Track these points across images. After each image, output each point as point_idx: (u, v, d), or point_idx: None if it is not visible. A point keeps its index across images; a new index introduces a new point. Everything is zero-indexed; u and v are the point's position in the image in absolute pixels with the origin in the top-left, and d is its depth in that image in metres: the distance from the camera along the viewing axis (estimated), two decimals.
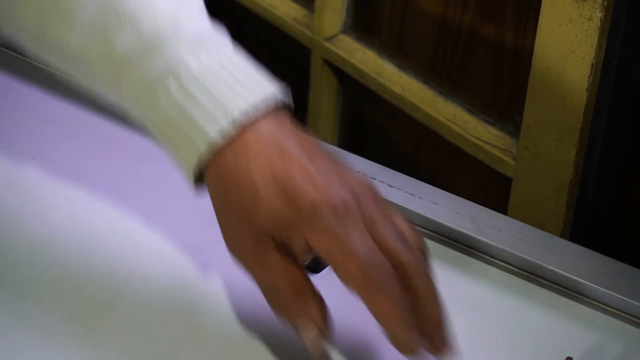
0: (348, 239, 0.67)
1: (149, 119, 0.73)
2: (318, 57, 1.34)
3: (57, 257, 0.82)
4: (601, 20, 0.97)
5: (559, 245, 0.86)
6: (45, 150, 0.92)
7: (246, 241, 0.70)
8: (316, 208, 0.67)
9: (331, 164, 0.71)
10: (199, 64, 0.71)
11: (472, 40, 1.17)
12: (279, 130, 0.70)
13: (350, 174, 0.71)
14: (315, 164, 0.69)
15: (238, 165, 0.69)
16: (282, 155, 0.69)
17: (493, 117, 1.16)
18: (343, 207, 0.68)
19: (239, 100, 0.70)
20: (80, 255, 0.82)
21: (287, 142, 0.70)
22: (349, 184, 0.69)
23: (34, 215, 0.85)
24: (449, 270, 0.84)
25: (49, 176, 0.89)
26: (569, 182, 1.05)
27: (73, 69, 0.76)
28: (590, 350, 0.78)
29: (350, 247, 0.67)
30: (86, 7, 0.72)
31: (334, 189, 0.68)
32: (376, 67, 1.27)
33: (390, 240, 0.68)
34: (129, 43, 0.72)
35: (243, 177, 0.69)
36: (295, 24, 1.37)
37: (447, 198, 0.89)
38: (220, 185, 0.70)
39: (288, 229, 0.68)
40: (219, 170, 0.70)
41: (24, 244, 0.83)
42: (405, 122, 1.26)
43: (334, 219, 0.67)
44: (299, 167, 0.69)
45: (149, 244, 0.83)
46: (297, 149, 0.70)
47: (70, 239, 0.83)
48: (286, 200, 0.68)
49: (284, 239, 0.69)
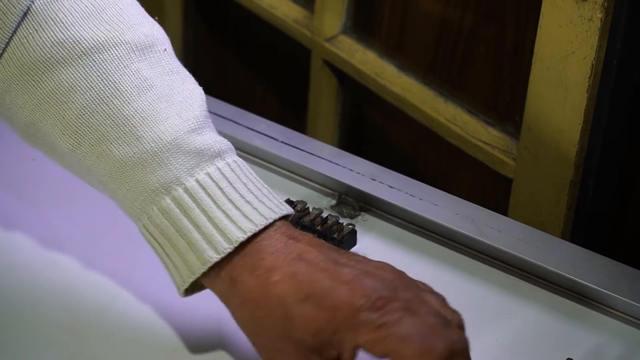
0: (399, 330, 0.65)
1: (140, 225, 0.72)
2: (318, 58, 1.34)
3: (56, 257, 0.82)
4: (601, 20, 0.97)
5: (560, 246, 0.86)
6: None
7: (283, 354, 0.68)
8: (355, 309, 0.66)
9: (351, 259, 0.69)
10: (197, 183, 0.70)
11: (472, 41, 1.17)
12: (291, 240, 0.69)
13: (372, 263, 0.69)
14: (336, 263, 0.68)
15: (256, 282, 0.68)
16: (302, 263, 0.68)
17: (493, 118, 1.16)
18: (381, 300, 0.66)
19: (242, 221, 0.69)
20: (80, 255, 0.82)
21: (303, 249, 0.68)
22: (376, 273, 0.68)
23: (33, 215, 0.85)
24: (449, 271, 0.84)
25: (48, 177, 0.89)
26: (569, 183, 1.05)
27: (64, 162, 0.74)
28: (590, 351, 0.78)
29: (405, 334, 0.65)
30: (83, 108, 0.71)
31: (365, 284, 0.67)
32: (376, 67, 1.27)
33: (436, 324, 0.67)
34: (127, 151, 0.71)
35: (266, 293, 0.67)
36: (296, 25, 1.36)
37: (448, 199, 0.89)
38: (237, 303, 0.69)
39: (331, 337, 0.66)
40: (232, 289, 0.69)
41: (24, 244, 0.83)
42: (405, 123, 1.26)
43: (377, 315, 0.66)
44: (323, 270, 0.67)
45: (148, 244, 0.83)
46: (315, 253, 0.68)
47: (70, 239, 0.83)
48: (319, 308, 0.66)
49: (329, 349, 0.67)
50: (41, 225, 0.84)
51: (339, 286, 0.66)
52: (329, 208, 0.90)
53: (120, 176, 0.71)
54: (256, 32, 1.49)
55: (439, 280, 0.83)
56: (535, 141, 1.06)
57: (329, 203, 0.91)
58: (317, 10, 1.32)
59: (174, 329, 0.77)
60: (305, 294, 0.67)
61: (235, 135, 0.95)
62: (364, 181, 0.90)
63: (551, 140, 1.05)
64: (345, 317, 0.66)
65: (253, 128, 0.96)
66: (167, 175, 0.70)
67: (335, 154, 0.94)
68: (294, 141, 0.95)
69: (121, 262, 0.82)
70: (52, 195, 0.87)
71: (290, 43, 1.39)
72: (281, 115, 1.47)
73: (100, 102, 0.71)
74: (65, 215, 0.85)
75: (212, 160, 0.71)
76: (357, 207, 0.90)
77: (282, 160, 0.94)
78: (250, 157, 0.95)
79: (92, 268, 0.81)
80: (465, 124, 1.17)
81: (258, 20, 1.42)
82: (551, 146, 1.05)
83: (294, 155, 0.93)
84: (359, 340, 0.65)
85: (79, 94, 0.71)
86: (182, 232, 0.70)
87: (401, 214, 0.88)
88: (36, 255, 0.82)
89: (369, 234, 0.87)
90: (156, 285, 0.80)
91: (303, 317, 0.66)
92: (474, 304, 0.81)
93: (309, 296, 0.67)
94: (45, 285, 0.79)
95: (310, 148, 0.94)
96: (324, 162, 0.93)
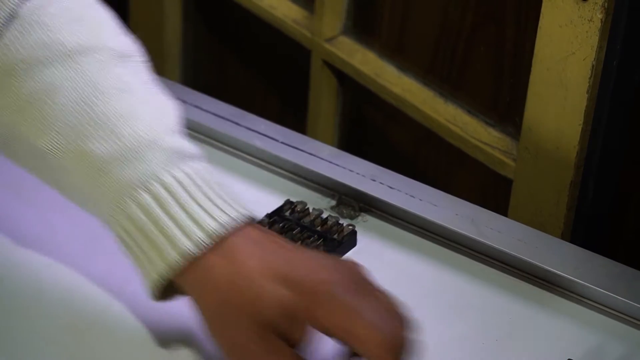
0: (366, 313, 0.69)
1: (115, 224, 0.73)
2: (318, 59, 1.34)
3: (56, 257, 0.82)
4: (602, 21, 0.97)
5: (560, 247, 0.86)
6: None
7: (248, 336, 0.70)
8: (328, 287, 0.69)
9: (319, 253, 0.74)
10: (174, 179, 0.72)
11: (472, 41, 1.17)
12: (263, 233, 0.73)
13: (337, 259, 0.74)
14: (307, 253, 0.72)
15: (231, 267, 0.70)
16: (277, 251, 0.71)
17: (493, 119, 1.16)
18: (353, 283, 0.70)
19: (218, 213, 0.72)
20: (80, 255, 0.82)
21: (277, 241, 0.72)
22: (342, 267, 0.72)
23: (33, 215, 0.85)
24: (449, 271, 0.84)
25: None
26: (570, 184, 1.05)
27: (39, 165, 0.75)
28: (590, 352, 0.78)
29: (370, 318, 0.69)
30: (64, 108, 0.72)
31: (337, 269, 0.71)
32: (376, 68, 1.27)
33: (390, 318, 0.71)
34: (107, 148, 0.72)
35: (240, 277, 0.70)
36: (295, 25, 1.36)
37: (448, 200, 0.89)
38: (210, 289, 0.71)
39: (297, 315, 0.69)
40: (206, 276, 0.71)
41: (24, 244, 0.83)
42: (405, 123, 1.26)
43: (348, 295, 0.69)
44: (297, 257, 0.71)
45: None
46: (287, 244, 0.73)
47: (70, 239, 0.83)
48: (292, 289, 0.69)
49: (288, 328, 0.70)
50: (41, 225, 0.84)
51: (314, 271, 0.71)
52: (329, 209, 0.90)
53: (98, 174, 0.72)
54: (256, 33, 1.49)
55: (439, 280, 0.83)
56: (535, 142, 1.06)
57: (329, 204, 0.91)
58: (317, 10, 1.32)
59: (174, 329, 0.77)
60: (280, 280, 0.70)
61: (235, 135, 0.95)
62: (364, 182, 0.90)
63: (551, 140, 1.05)
64: (318, 295, 0.69)
65: (253, 128, 0.96)
66: (146, 170, 0.72)
67: (335, 154, 0.94)
68: (293, 142, 0.95)
69: (121, 262, 0.81)
70: (52, 195, 0.87)
71: (290, 43, 1.39)
72: (281, 116, 1.47)
73: (82, 101, 0.73)
74: (65, 215, 0.85)
75: (189, 160, 0.73)
76: (357, 207, 0.90)
77: (282, 160, 0.94)
78: (250, 157, 0.95)
79: (92, 268, 0.81)
80: (465, 125, 1.17)
81: (258, 21, 1.42)
82: (551, 147, 1.05)
83: (293, 155, 0.93)
84: (327, 318, 0.69)
85: (61, 93, 0.72)
86: (159, 226, 0.71)
87: (401, 214, 0.88)
88: (36, 255, 0.82)
89: (369, 234, 0.87)
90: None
91: (275, 297, 0.69)
92: (474, 304, 0.81)
93: (283, 282, 0.70)
94: (45, 285, 0.79)
95: (310, 149, 0.94)
96: (324, 162, 0.93)
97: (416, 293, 0.81)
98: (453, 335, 0.78)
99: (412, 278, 0.83)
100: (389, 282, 0.82)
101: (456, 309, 0.80)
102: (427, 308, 0.80)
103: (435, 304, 0.81)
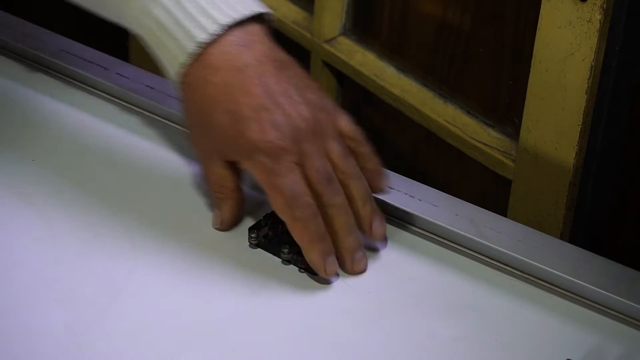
0: (278, 179, 0.79)
1: (141, 24, 0.81)
2: (318, 59, 1.34)
3: (56, 257, 0.82)
4: (600, 22, 0.97)
5: (559, 247, 0.86)
6: (45, 152, 0.92)
7: (204, 144, 0.82)
8: (255, 148, 0.79)
9: (289, 87, 0.81)
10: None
11: (471, 42, 1.17)
12: (245, 43, 0.80)
13: (310, 99, 0.81)
14: (268, 91, 0.79)
15: (201, 77, 0.79)
16: (238, 72, 0.79)
17: (492, 120, 1.16)
18: (280, 151, 0.79)
19: (218, 14, 0.80)
20: (80, 255, 0.82)
21: (247, 57, 0.80)
22: (296, 116, 0.80)
23: (33, 215, 0.85)
24: (448, 272, 0.84)
25: (48, 177, 0.89)
26: (569, 184, 1.05)
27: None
28: (590, 353, 0.78)
29: (279, 184, 0.79)
30: None
31: (275, 129, 0.79)
32: (376, 69, 1.27)
33: (318, 182, 0.80)
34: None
35: (203, 90, 0.79)
36: (295, 26, 1.37)
37: (447, 200, 0.89)
38: (188, 93, 0.81)
39: (228, 147, 0.80)
40: (189, 79, 0.80)
41: (24, 244, 0.83)
42: (404, 124, 1.26)
43: (269, 161, 0.79)
44: (252, 94, 0.79)
45: (148, 245, 0.83)
46: (255, 65, 0.80)
47: (70, 239, 0.83)
48: (232, 128, 0.78)
49: (233, 158, 0.81)
50: (41, 225, 0.84)
51: (254, 120, 0.78)
52: None
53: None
54: None
55: (439, 280, 0.83)
56: (535, 142, 1.06)
57: None
58: (316, 11, 1.32)
59: (174, 329, 0.77)
60: (227, 109, 0.79)
61: None
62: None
63: (550, 141, 1.05)
64: (245, 148, 0.79)
65: None
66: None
67: None
68: None
69: (121, 262, 0.82)
70: (52, 195, 0.87)
71: (289, 44, 1.39)
72: None
73: None
74: (65, 215, 0.85)
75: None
76: None
77: None
78: None
79: (92, 268, 0.81)
80: (464, 125, 1.17)
81: None
82: (550, 147, 1.05)
83: None
84: (248, 166, 0.80)
85: None
86: (178, 23, 0.80)
87: (401, 214, 0.88)
88: (36, 255, 0.82)
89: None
90: (156, 286, 0.80)
91: (219, 125, 0.80)
92: (474, 305, 0.81)
93: (229, 112, 0.79)
94: (45, 285, 0.79)
95: None
96: None
97: (416, 293, 0.82)
98: (453, 335, 0.78)
99: (412, 278, 0.83)
100: (389, 282, 0.83)
101: (456, 309, 0.80)
102: (427, 308, 0.80)
103: (435, 304, 0.81)
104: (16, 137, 0.93)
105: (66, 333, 0.76)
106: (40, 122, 0.95)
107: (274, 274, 0.82)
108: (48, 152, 0.92)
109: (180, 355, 0.75)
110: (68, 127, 0.95)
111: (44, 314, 0.77)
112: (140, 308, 0.78)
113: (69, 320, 0.77)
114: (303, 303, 0.80)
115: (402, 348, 0.77)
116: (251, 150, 0.79)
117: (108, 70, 0.99)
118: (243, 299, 0.80)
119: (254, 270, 0.82)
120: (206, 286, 0.80)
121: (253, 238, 0.83)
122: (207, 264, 0.82)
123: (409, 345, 0.77)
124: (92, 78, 0.99)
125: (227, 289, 0.80)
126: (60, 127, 0.94)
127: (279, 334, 0.77)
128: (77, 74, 1.00)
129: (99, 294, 0.79)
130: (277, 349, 0.76)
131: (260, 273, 0.82)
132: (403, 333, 0.78)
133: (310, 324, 0.78)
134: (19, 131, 0.94)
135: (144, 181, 0.89)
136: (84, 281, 0.80)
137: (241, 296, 0.80)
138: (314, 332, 0.78)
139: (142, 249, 0.83)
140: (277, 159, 0.79)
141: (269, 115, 0.79)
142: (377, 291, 0.81)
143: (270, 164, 0.79)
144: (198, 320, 0.78)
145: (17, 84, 0.99)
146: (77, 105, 0.97)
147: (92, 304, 0.78)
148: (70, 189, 0.88)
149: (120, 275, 0.80)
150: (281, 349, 0.76)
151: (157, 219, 0.85)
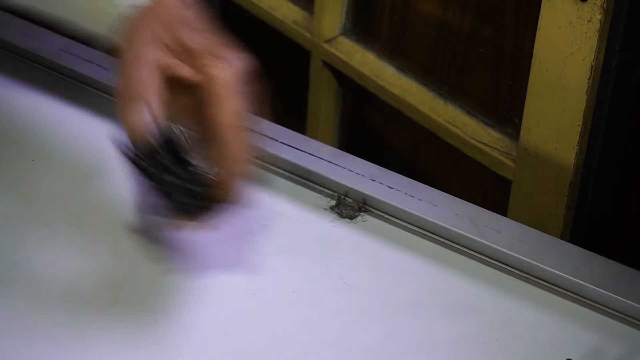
0: (130, 73, 0.76)
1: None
2: (318, 59, 1.35)
3: (56, 257, 0.82)
4: (601, 22, 0.97)
5: (559, 246, 0.86)
6: (45, 152, 0.92)
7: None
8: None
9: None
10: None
11: (471, 42, 1.17)
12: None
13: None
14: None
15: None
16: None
17: (493, 120, 1.16)
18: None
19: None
20: (80, 255, 0.82)
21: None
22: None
23: (33, 215, 0.85)
24: (448, 271, 0.84)
25: (48, 177, 0.89)
26: (569, 184, 1.05)
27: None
28: (589, 352, 0.78)
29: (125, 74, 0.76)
30: None
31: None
32: (376, 69, 1.27)
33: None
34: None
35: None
36: (295, 26, 1.37)
37: (447, 200, 0.89)
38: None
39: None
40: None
41: (24, 244, 0.83)
42: (404, 124, 1.26)
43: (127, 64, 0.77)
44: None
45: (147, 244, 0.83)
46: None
47: (70, 239, 0.83)
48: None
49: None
50: (41, 225, 0.84)
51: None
52: (329, 209, 0.90)
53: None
54: (256, 34, 1.49)
55: (439, 280, 0.83)
56: (535, 142, 1.06)
57: (329, 204, 0.91)
58: (316, 11, 1.32)
59: (174, 329, 0.77)
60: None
61: None
62: (363, 182, 0.91)
63: (550, 141, 1.05)
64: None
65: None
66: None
67: (335, 154, 0.94)
68: (293, 142, 0.95)
69: (121, 262, 0.82)
70: (52, 195, 0.87)
71: (289, 44, 1.39)
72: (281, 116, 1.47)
73: None
74: (65, 215, 0.85)
75: None
76: (357, 207, 0.90)
77: (282, 160, 0.94)
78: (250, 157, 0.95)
79: (92, 268, 0.81)
80: (464, 125, 1.17)
81: (258, 22, 1.42)
82: (550, 147, 1.05)
83: (293, 155, 0.93)
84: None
85: None
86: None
87: (401, 214, 0.88)
88: (36, 255, 0.82)
89: (369, 234, 0.88)
90: (156, 286, 0.80)
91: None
92: (474, 305, 0.81)
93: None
94: (45, 285, 0.79)
95: (310, 149, 0.94)
96: (324, 162, 0.93)
97: (416, 293, 0.82)
98: (453, 335, 0.78)
99: (412, 278, 0.83)
100: (389, 282, 0.83)
101: (456, 309, 0.80)
102: (427, 308, 0.80)
103: (435, 304, 0.81)
104: (16, 137, 0.93)
105: (66, 333, 0.76)
106: (40, 122, 0.95)
107: (274, 273, 0.82)
108: (48, 152, 0.92)
109: (181, 354, 0.75)
110: (68, 126, 0.95)
111: (44, 314, 0.77)
112: (140, 308, 0.78)
113: (69, 320, 0.77)
114: (303, 303, 0.80)
115: (402, 348, 0.77)
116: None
117: (108, 70, 0.99)
118: (243, 299, 0.80)
119: (253, 270, 0.82)
120: (206, 286, 0.80)
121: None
122: (207, 263, 0.82)
123: (409, 345, 0.77)
124: (91, 78, 0.99)
125: (227, 289, 0.80)
126: (60, 127, 0.95)
127: (278, 334, 0.77)
128: (76, 74, 1.00)
129: (99, 293, 0.79)
130: (276, 349, 0.76)
131: (260, 273, 0.82)
132: (403, 333, 0.78)
133: (310, 324, 0.78)
134: (19, 131, 0.94)
135: None
136: (84, 281, 0.80)
137: (241, 296, 0.80)
138: (314, 332, 0.78)
139: (143, 248, 0.83)
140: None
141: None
142: (377, 291, 0.81)
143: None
144: (198, 320, 0.78)
145: (17, 84, 0.99)
146: (77, 105, 0.97)
147: (92, 304, 0.78)
148: (70, 188, 0.88)
149: (122, 274, 0.80)
150: (281, 349, 0.76)
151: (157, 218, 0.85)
